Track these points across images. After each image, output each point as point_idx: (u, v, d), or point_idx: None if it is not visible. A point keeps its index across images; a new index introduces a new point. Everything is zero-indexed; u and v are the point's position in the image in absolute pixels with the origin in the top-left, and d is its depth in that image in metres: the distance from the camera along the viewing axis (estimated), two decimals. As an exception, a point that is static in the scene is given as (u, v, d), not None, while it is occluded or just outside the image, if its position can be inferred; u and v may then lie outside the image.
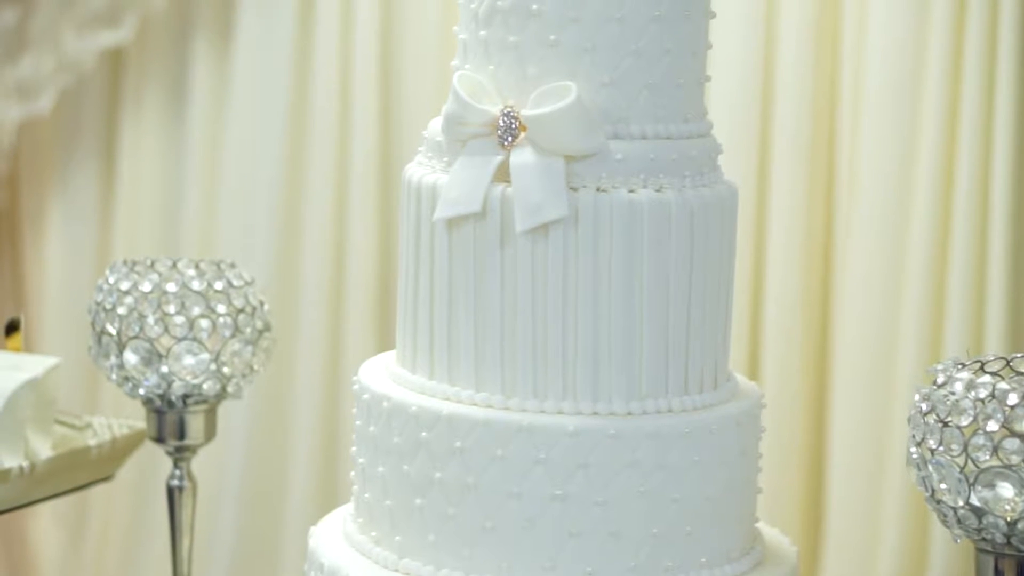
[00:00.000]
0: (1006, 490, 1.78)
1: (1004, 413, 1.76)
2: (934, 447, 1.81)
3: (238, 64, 3.36)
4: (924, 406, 1.83)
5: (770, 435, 2.20)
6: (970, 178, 2.85)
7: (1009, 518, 1.79)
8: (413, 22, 3.26)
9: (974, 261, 2.86)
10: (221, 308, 2.36)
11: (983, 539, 1.83)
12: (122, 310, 2.35)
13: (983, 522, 1.80)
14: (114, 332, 2.36)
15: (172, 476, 2.48)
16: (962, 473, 1.79)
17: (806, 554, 3.03)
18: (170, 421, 2.43)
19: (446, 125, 1.89)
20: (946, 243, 2.89)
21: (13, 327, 2.70)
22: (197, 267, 2.40)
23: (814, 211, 3.02)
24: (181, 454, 2.46)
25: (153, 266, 2.39)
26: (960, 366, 1.86)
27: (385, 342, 3.22)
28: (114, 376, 2.40)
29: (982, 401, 1.78)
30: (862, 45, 2.95)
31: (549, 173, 1.82)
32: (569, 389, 1.86)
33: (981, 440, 1.77)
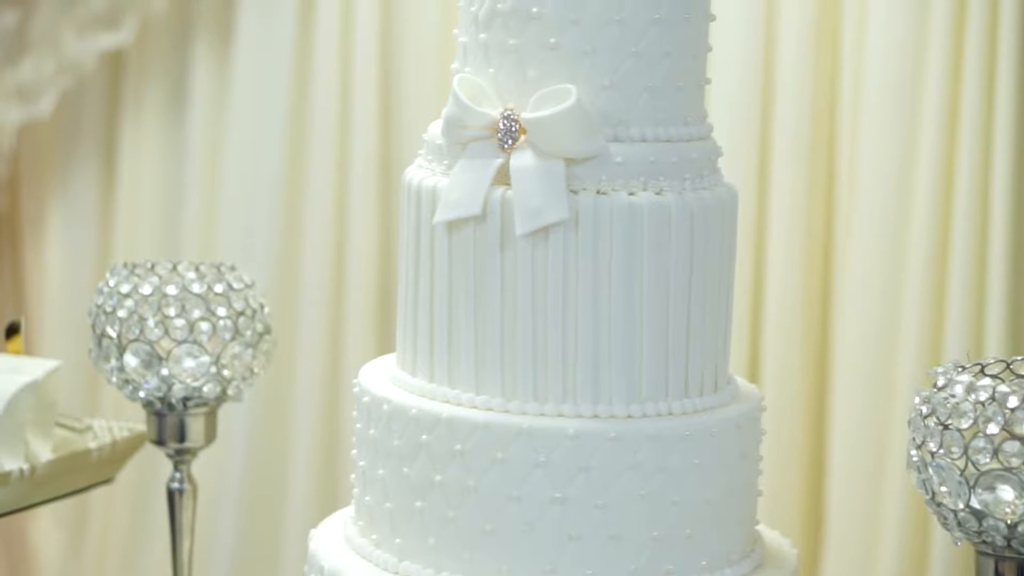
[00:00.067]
0: (1006, 493, 1.78)
1: (1004, 416, 1.76)
2: (934, 450, 1.81)
3: (238, 66, 3.36)
4: (924, 409, 1.83)
5: (770, 438, 2.21)
6: (970, 179, 2.85)
7: (1009, 521, 1.79)
8: (413, 25, 3.26)
9: (974, 263, 2.86)
10: (221, 311, 2.35)
11: (983, 542, 1.83)
12: (122, 313, 2.35)
13: (983, 525, 1.80)
14: (114, 335, 2.36)
15: (172, 479, 2.48)
16: (962, 476, 1.79)
17: (806, 557, 3.03)
18: (170, 424, 2.43)
19: (446, 128, 1.89)
20: (946, 245, 2.89)
21: (13, 330, 2.70)
22: (197, 270, 2.39)
23: (814, 213, 3.02)
24: (181, 457, 2.46)
25: (153, 269, 2.39)
26: (960, 369, 1.86)
27: (385, 345, 3.22)
28: (114, 379, 2.40)
29: (982, 404, 1.78)
30: (862, 46, 2.95)
31: (549, 176, 1.82)
32: (569, 392, 1.86)
33: (981, 443, 1.77)
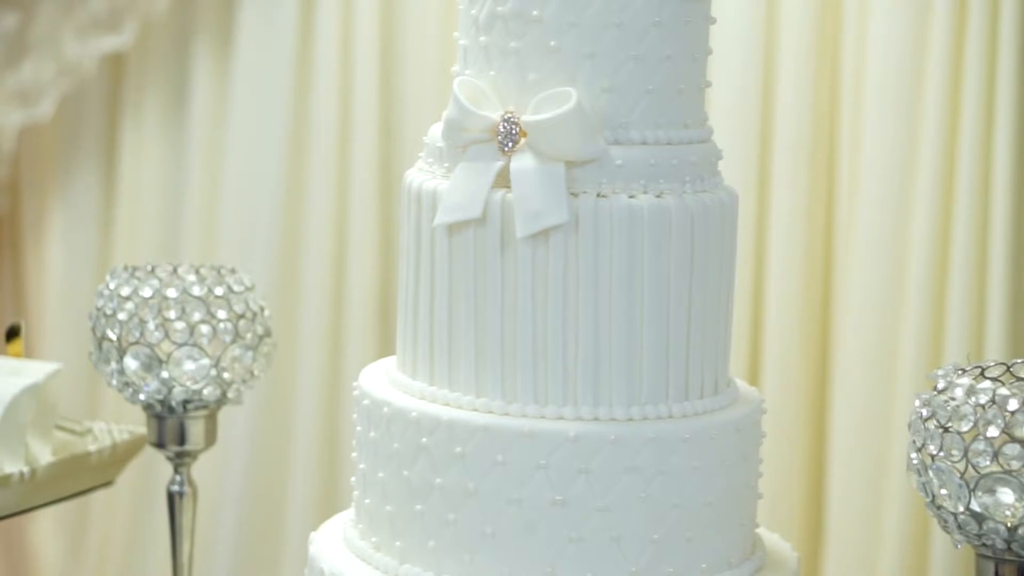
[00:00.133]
0: (1006, 496, 1.78)
1: (1004, 419, 1.76)
2: (934, 453, 1.81)
3: (238, 69, 3.36)
4: (924, 411, 1.83)
5: (771, 440, 2.20)
6: (970, 182, 2.85)
7: (1009, 524, 1.79)
8: (413, 28, 3.26)
9: (975, 266, 2.86)
10: (222, 313, 2.35)
11: (984, 545, 1.83)
12: (123, 316, 2.35)
13: (983, 528, 1.80)
14: (115, 338, 2.36)
15: (172, 482, 2.48)
16: (962, 479, 1.79)
17: (807, 560, 3.03)
18: (170, 427, 2.43)
19: (446, 131, 1.89)
20: (947, 249, 2.89)
21: (14, 332, 2.70)
22: (198, 272, 2.40)
23: (815, 216, 3.02)
24: (181, 460, 2.46)
25: (154, 271, 2.39)
26: (960, 372, 1.86)
27: (386, 348, 3.22)
28: (115, 382, 2.40)
29: (982, 407, 1.78)
30: (862, 48, 2.95)
31: (549, 179, 1.82)
32: (570, 395, 1.86)
33: (981, 446, 1.77)
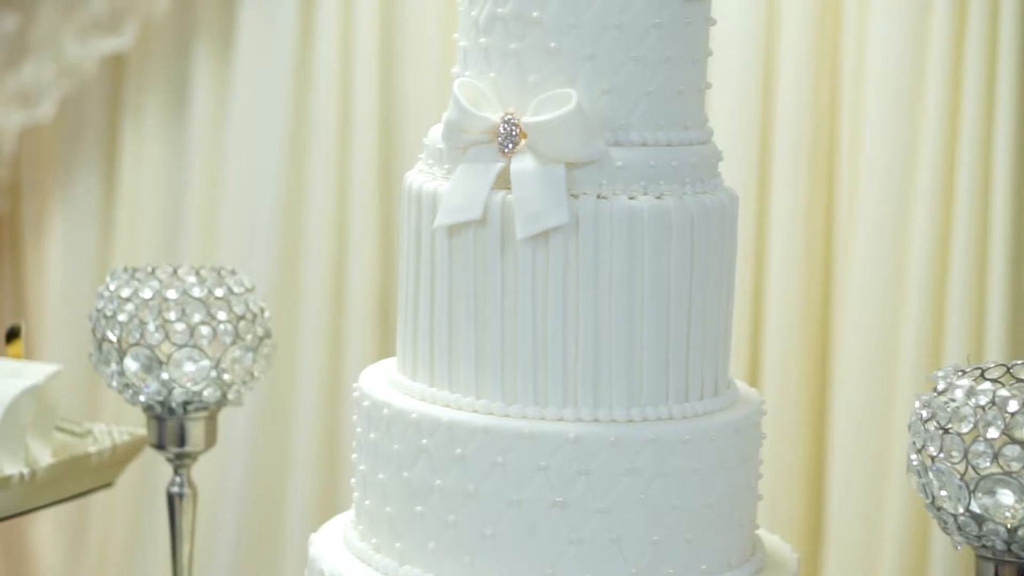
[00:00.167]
0: (1006, 497, 1.78)
1: (1004, 420, 1.76)
2: (934, 454, 1.81)
3: (239, 70, 3.36)
4: (924, 413, 1.83)
5: (771, 442, 2.20)
6: (970, 184, 2.85)
7: (1009, 525, 1.79)
8: (413, 29, 3.26)
9: (975, 267, 2.86)
10: (222, 315, 2.35)
11: (983, 546, 1.83)
12: (123, 317, 2.35)
13: (983, 529, 1.80)
14: (115, 339, 2.36)
15: (172, 483, 2.48)
16: (962, 480, 1.79)
17: (807, 561, 3.03)
18: (171, 428, 2.43)
19: (446, 132, 1.89)
20: (947, 250, 2.89)
21: (14, 334, 2.70)
22: (198, 274, 2.39)
23: (815, 217, 3.02)
24: (182, 461, 2.46)
25: (154, 273, 2.39)
26: (960, 373, 1.86)
27: (386, 349, 3.22)
28: (115, 383, 2.40)
29: (982, 408, 1.78)
30: (862, 51, 2.95)
31: (550, 180, 1.82)
32: (570, 396, 1.86)
33: (981, 447, 1.77)
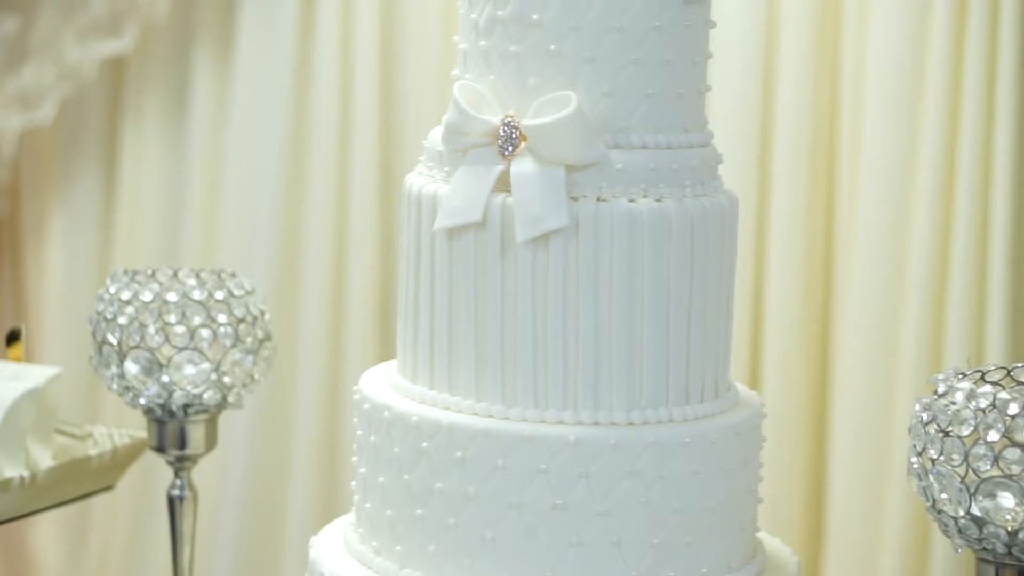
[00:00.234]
0: (1007, 500, 1.78)
1: (1005, 423, 1.76)
2: (935, 457, 1.81)
3: (239, 73, 3.36)
4: (925, 416, 1.83)
5: (771, 444, 2.21)
6: (970, 187, 2.85)
7: (1010, 528, 1.79)
8: (413, 32, 3.26)
9: (975, 270, 2.86)
10: (222, 318, 2.36)
11: (984, 549, 1.83)
12: (123, 320, 2.35)
13: (984, 532, 1.80)
14: (115, 342, 2.36)
15: (173, 486, 2.48)
16: (963, 483, 1.79)
17: (807, 563, 3.02)
18: (171, 431, 2.43)
19: (446, 135, 1.89)
20: (947, 253, 2.89)
21: (14, 337, 2.70)
22: (198, 277, 2.40)
23: (815, 220, 3.02)
24: (182, 464, 2.46)
25: (154, 276, 2.39)
26: (961, 376, 1.86)
27: (386, 352, 3.22)
28: (115, 386, 2.40)
29: (983, 411, 1.78)
30: (862, 53, 2.95)
31: (550, 183, 1.82)
32: (570, 399, 1.86)
33: (982, 450, 1.77)
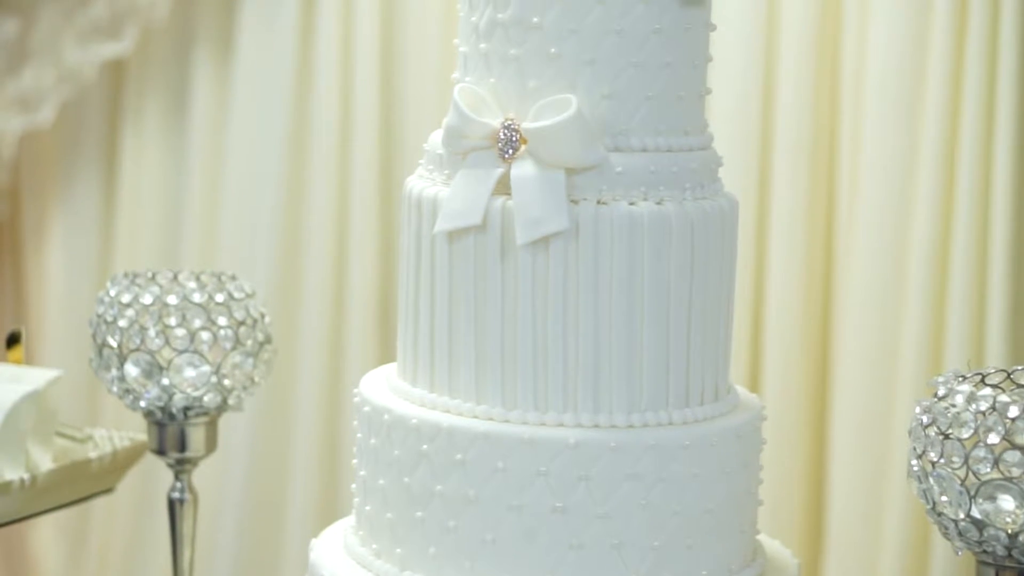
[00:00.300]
0: (1007, 502, 1.78)
1: (1005, 425, 1.76)
2: (935, 459, 1.81)
3: (239, 76, 3.36)
4: (925, 418, 1.83)
5: (771, 447, 2.20)
6: (971, 186, 2.85)
7: (1010, 530, 1.79)
8: (414, 33, 3.26)
9: (975, 272, 2.86)
10: (222, 320, 2.36)
11: (984, 551, 1.83)
12: (123, 323, 2.35)
13: (984, 535, 1.80)
14: (115, 344, 2.36)
15: (173, 488, 2.48)
16: (963, 485, 1.79)
17: (807, 566, 3.03)
18: (171, 433, 2.43)
19: (447, 138, 1.89)
20: (947, 255, 2.89)
21: (14, 339, 2.70)
22: (198, 279, 2.40)
23: (815, 223, 3.02)
24: (182, 466, 2.46)
25: (154, 278, 2.39)
26: (961, 378, 1.86)
27: (386, 354, 3.22)
28: (115, 388, 2.40)
29: (983, 413, 1.78)
30: (862, 57, 2.95)
31: (550, 186, 1.82)
32: (570, 401, 1.86)
33: (982, 452, 1.77)
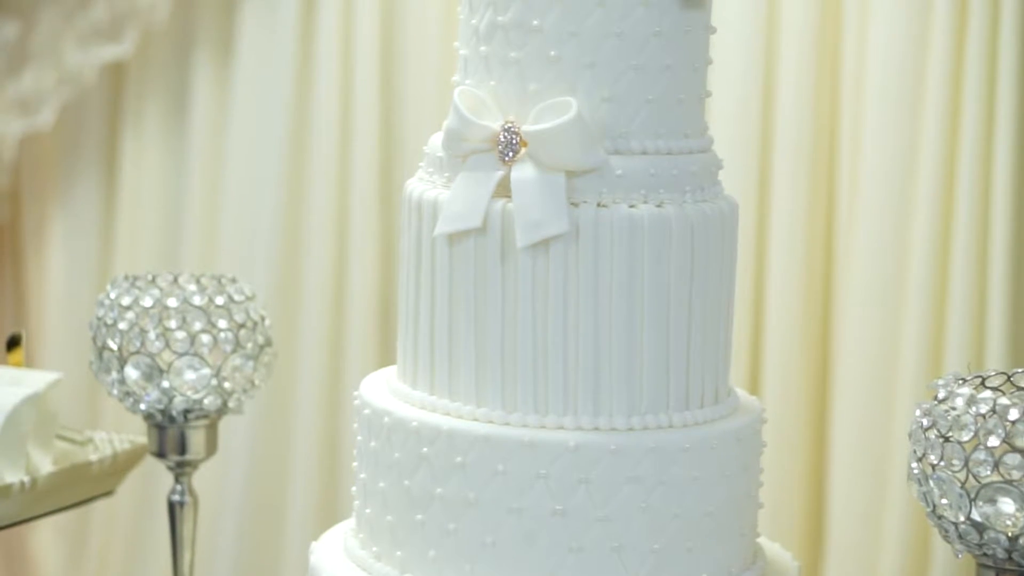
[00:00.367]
0: (1007, 505, 1.77)
1: (1005, 428, 1.76)
2: (935, 462, 1.81)
3: (239, 78, 3.36)
4: (925, 421, 1.83)
5: (771, 450, 2.20)
6: (971, 188, 2.85)
7: (1010, 533, 1.79)
8: (414, 38, 3.26)
9: (975, 276, 2.86)
10: (222, 323, 2.36)
11: (984, 554, 1.83)
12: (123, 325, 2.35)
13: (984, 537, 1.80)
14: (115, 347, 2.36)
15: (173, 491, 2.48)
16: (963, 488, 1.79)
17: (807, 569, 3.03)
18: (171, 436, 2.43)
19: (447, 140, 1.89)
20: (947, 258, 2.89)
21: (14, 342, 2.70)
22: (198, 282, 2.40)
23: (815, 225, 3.02)
24: (182, 469, 2.46)
25: (154, 281, 2.39)
26: (961, 381, 1.86)
27: (386, 357, 3.22)
28: (115, 391, 2.40)
29: (983, 416, 1.78)
30: (863, 60, 2.95)
31: (550, 189, 1.82)
32: (570, 404, 1.86)
33: (982, 455, 1.77)
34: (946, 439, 1.80)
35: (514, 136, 1.84)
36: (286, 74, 3.32)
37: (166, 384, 2.36)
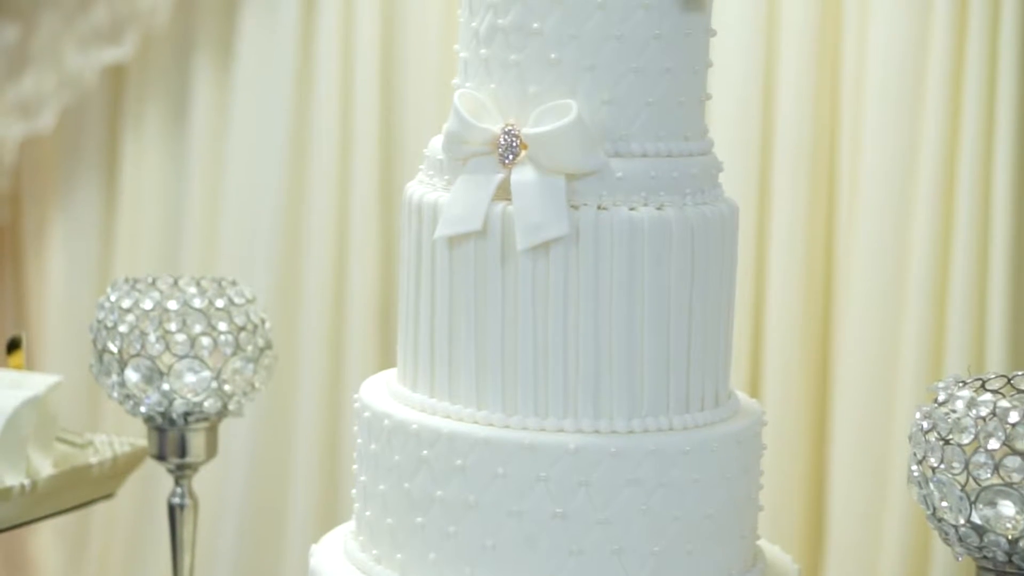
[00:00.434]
0: (1007, 508, 1.77)
1: (1005, 431, 1.76)
2: (935, 465, 1.81)
3: (239, 81, 3.37)
4: (925, 424, 1.83)
5: (771, 452, 2.20)
6: (971, 189, 2.85)
7: (1010, 536, 1.79)
8: (414, 40, 3.26)
9: (975, 278, 2.86)
10: (222, 326, 2.35)
11: (984, 557, 1.82)
12: (123, 328, 2.35)
13: (984, 540, 1.80)
14: (115, 350, 2.36)
15: (173, 494, 2.48)
16: (963, 491, 1.79)
17: (808, 571, 3.02)
18: (171, 439, 2.43)
19: (447, 143, 1.89)
20: (947, 260, 2.89)
21: (15, 345, 2.70)
22: (198, 285, 2.40)
23: (815, 228, 3.02)
24: (182, 472, 2.46)
25: (154, 284, 2.39)
26: (961, 384, 1.86)
27: (386, 360, 3.22)
28: (115, 394, 2.40)
29: (983, 419, 1.78)
30: (863, 62, 2.95)
31: (550, 191, 1.82)
32: (570, 407, 1.86)
33: (982, 458, 1.77)
34: (946, 442, 1.80)
35: (514, 139, 1.84)
36: (286, 77, 3.32)
37: (166, 387, 2.36)
